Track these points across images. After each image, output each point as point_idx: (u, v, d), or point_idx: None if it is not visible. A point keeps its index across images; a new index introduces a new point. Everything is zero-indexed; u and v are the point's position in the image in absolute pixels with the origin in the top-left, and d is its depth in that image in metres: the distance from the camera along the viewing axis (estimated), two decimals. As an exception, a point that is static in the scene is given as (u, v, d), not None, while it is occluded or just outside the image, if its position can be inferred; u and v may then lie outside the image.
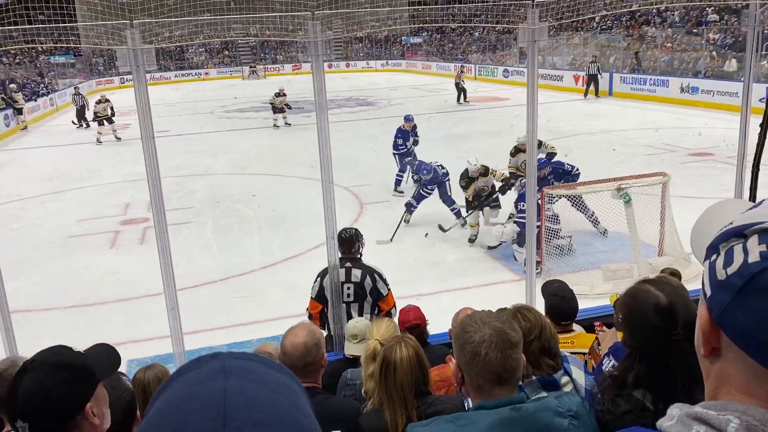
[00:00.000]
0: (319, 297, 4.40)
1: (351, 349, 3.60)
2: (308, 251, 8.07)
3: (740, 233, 0.65)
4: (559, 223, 7.54)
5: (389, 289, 4.50)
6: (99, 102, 18.11)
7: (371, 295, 4.41)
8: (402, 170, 11.07)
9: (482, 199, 8.66)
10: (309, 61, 3.86)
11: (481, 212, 8.60)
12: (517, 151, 9.18)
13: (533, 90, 3.89)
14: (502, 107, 21.36)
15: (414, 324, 3.43)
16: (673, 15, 27.98)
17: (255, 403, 0.55)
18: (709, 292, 0.67)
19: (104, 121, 17.80)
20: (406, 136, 11.33)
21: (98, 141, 17.53)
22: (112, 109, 17.84)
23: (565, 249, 7.56)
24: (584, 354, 2.83)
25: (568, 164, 8.53)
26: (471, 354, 1.50)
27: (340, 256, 4.46)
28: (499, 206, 8.75)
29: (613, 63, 25.12)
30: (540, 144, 8.73)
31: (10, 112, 21.31)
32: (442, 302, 6.04)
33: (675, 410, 0.68)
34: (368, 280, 4.40)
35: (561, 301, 2.97)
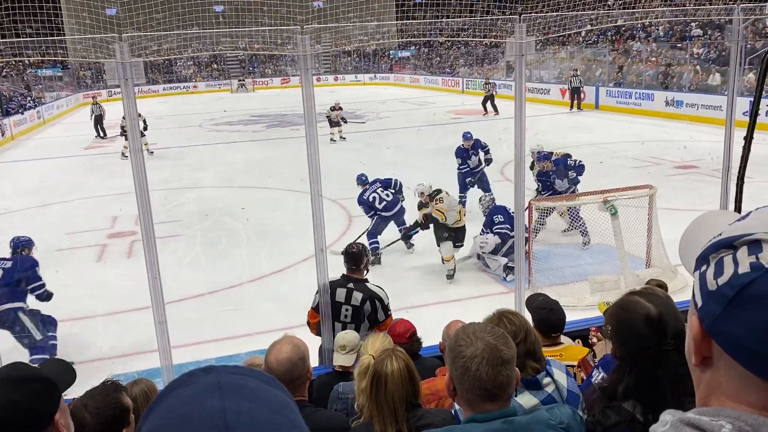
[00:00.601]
0: (319, 308, 4.37)
1: (339, 359, 3.60)
2: (297, 264, 8.06)
3: (729, 244, 0.67)
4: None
5: (389, 314, 4.40)
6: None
7: (368, 320, 4.34)
8: (462, 191, 10.39)
9: (408, 230, 8.35)
10: (298, 74, 3.88)
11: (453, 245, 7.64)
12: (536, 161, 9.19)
13: (521, 103, 3.93)
14: (489, 120, 21.50)
15: (411, 333, 3.47)
16: (657, 30, 28.38)
17: (255, 424, 0.55)
18: (699, 302, 0.68)
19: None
20: (465, 155, 10.43)
21: (123, 155, 15.76)
22: (144, 122, 16.34)
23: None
24: (573, 367, 2.84)
25: (570, 160, 8.77)
26: (462, 368, 1.50)
27: (345, 272, 4.45)
28: (461, 245, 7.79)
29: (599, 77, 25.39)
30: (550, 156, 8.89)
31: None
32: (432, 315, 6.05)
33: (668, 416, 0.69)
34: (368, 305, 4.31)
35: (549, 313, 2.98)
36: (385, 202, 8.50)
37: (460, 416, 1.77)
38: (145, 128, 16.11)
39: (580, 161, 8.86)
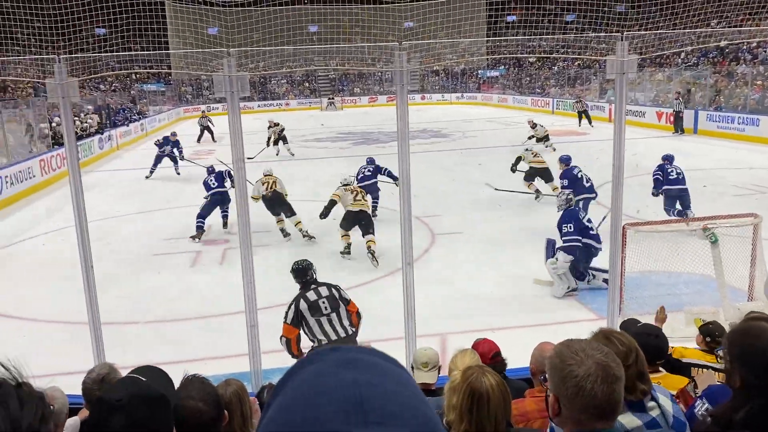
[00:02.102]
0: (295, 322, 4.90)
1: (423, 377, 3.58)
2: (382, 277, 8.12)
3: None
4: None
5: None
6: (270, 126, 20.49)
7: (342, 302, 5.05)
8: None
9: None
10: (385, 93, 3.94)
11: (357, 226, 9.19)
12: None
13: (621, 122, 3.82)
14: (579, 142, 20.97)
15: (495, 353, 3.42)
16: (765, 51, 26.89)
17: (388, 396, 0.54)
18: None
19: (279, 141, 20.03)
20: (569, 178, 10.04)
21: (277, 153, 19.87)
22: (282, 131, 20.17)
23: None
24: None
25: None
26: (575, 388, 1.47)
27: (299, 286, 5.14)
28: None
29: (699, 100, 24.28)
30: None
31: (104, 135, 22.64)
32: (516, 337, 5.92)
33: None
34: (333, 291, 5.09)
35: (655, 339, 2.84)
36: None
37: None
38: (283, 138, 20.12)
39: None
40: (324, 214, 9.58)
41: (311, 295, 5.04)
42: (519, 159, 12.81)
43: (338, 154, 20.36)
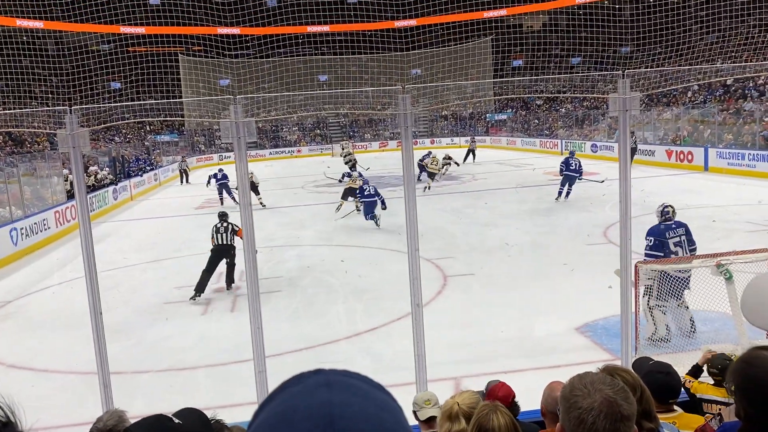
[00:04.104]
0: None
1: (430, 412, 3.52)
2: (392, 322, 8.05)
3: None
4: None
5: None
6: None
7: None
8: None
9: None
10: (395, 138, 3.99)
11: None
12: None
13: (625, 159, 3.83)
14: (589, 182, 20.95)
15: (510, 400, 3.35)
16: (771, 88, 27.03)
17: (361, 416, 0.55)
18: None
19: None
20: None
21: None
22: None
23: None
24: (688, 436, 2.63)
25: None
26: (576, 420, 1.43)
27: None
28: None
29: (708, 138, 24.31)
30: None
31: (118, 186, 22.97)
32: (529, 380, 5.82)
33: None
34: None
35: (666, 377, 2.77)
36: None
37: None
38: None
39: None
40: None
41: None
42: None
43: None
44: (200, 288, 9.73)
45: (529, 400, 3.80)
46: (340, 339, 7.77)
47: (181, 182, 29.64)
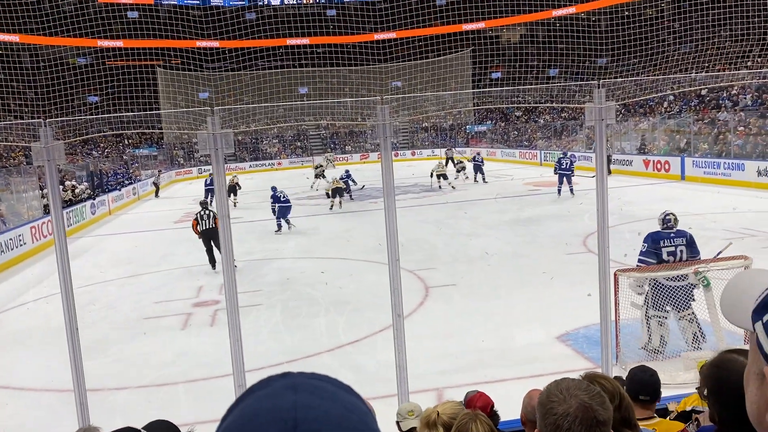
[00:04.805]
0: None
1: (412, 423, 3.51)
2: (374, 334, 8.02)
3: None
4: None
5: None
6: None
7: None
8: None
9: None
10: (376, 150, 4.00)
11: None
12: None
13: (602, 168, 3.86)
14: (568, 192, 21.15)
15: (490, 407, 3.34)
16: (745, 98, 27.55)
17: (326, 417, 0.55)
18: None
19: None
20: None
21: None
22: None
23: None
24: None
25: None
26: (553, 425, 1.43)
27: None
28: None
29: (684, 147, 24.69)
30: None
31: (96, 201, 22.70)
32: (510, 390, 5.81)
33: None
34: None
35: (643, 374, 2.82)
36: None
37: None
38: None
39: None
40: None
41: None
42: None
43: (331, 210, 20.43)
44: (212, 262, 12.06)
45: (511, 410, 3.80)
46: (322, 352, 7.71)
47: (156, 195, 29.73)
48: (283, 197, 16.91)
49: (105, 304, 10.54)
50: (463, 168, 26.94)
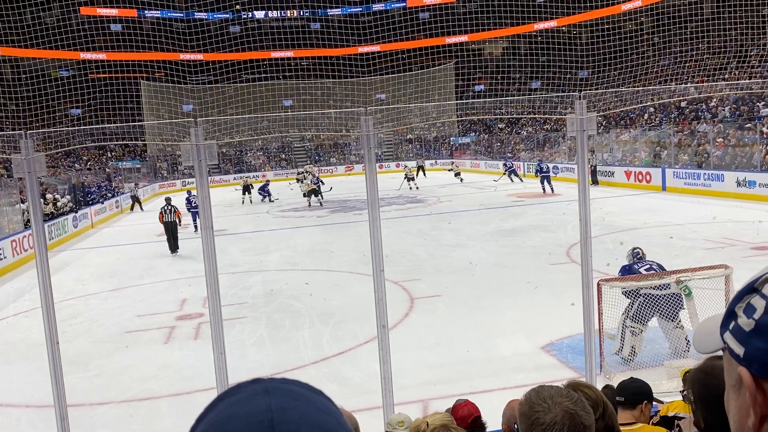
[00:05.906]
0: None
1: None
2: (358, 346, 8.00)
3: (751, 290, 0.65)
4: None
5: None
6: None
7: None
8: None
9: None
10: (361, 161, 4.02)
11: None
12: None
13: (584, 178, 3.91)
14: (551, 203, 21.32)
15: (474, 418, 3.34)
16: (723, 110, 27.98)
17: (302, 418, 0.54)
18: (742, 351, 0.64)
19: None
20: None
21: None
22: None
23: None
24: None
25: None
26: None
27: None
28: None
29: (665, 159, 25.01)
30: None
31: (78, 214, 22.46)
32: (497, 400, 5.82)
33: None
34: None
35: (630, 380, 2.86)
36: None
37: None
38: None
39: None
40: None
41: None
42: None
43: (315, 222, 20.40)
44: (171, 248, 15.39)
45: (497, 420, 3.80)
46: (307, 364, 7.67)
47: (131, 209, 29.64)
48: (195, 203, 18.76)
49: (87, 318, 10.41)
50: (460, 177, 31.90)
